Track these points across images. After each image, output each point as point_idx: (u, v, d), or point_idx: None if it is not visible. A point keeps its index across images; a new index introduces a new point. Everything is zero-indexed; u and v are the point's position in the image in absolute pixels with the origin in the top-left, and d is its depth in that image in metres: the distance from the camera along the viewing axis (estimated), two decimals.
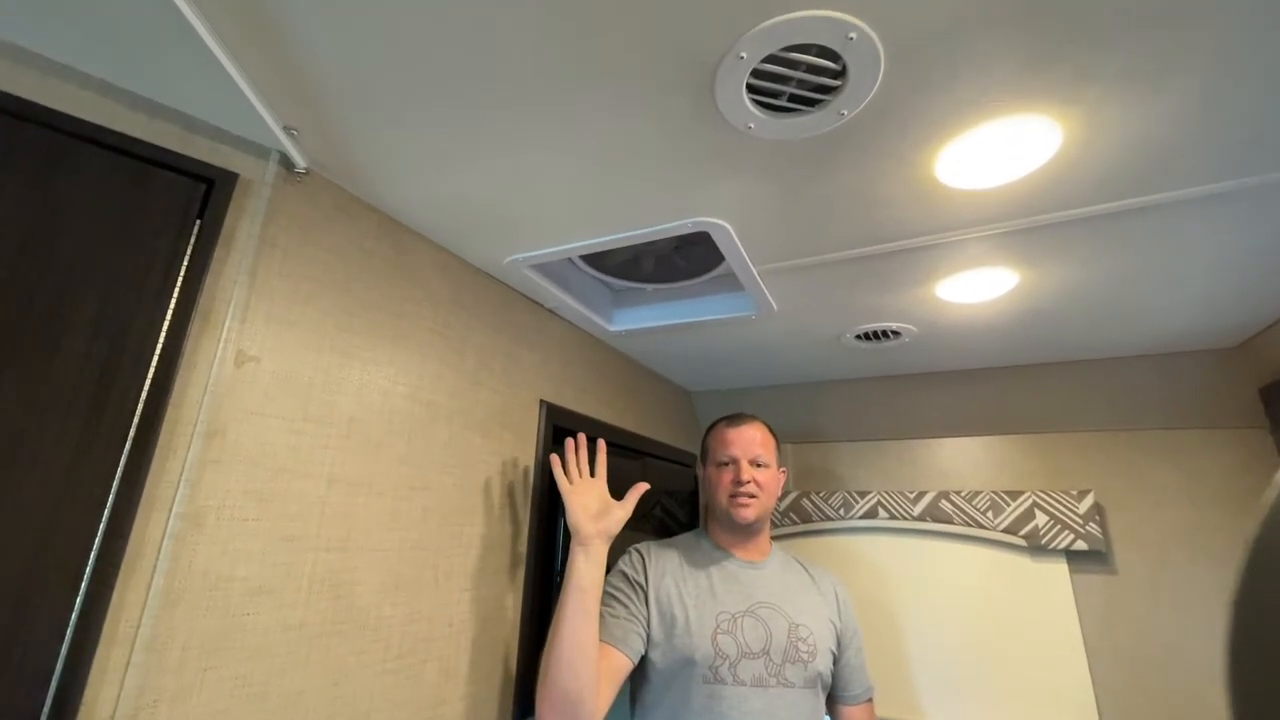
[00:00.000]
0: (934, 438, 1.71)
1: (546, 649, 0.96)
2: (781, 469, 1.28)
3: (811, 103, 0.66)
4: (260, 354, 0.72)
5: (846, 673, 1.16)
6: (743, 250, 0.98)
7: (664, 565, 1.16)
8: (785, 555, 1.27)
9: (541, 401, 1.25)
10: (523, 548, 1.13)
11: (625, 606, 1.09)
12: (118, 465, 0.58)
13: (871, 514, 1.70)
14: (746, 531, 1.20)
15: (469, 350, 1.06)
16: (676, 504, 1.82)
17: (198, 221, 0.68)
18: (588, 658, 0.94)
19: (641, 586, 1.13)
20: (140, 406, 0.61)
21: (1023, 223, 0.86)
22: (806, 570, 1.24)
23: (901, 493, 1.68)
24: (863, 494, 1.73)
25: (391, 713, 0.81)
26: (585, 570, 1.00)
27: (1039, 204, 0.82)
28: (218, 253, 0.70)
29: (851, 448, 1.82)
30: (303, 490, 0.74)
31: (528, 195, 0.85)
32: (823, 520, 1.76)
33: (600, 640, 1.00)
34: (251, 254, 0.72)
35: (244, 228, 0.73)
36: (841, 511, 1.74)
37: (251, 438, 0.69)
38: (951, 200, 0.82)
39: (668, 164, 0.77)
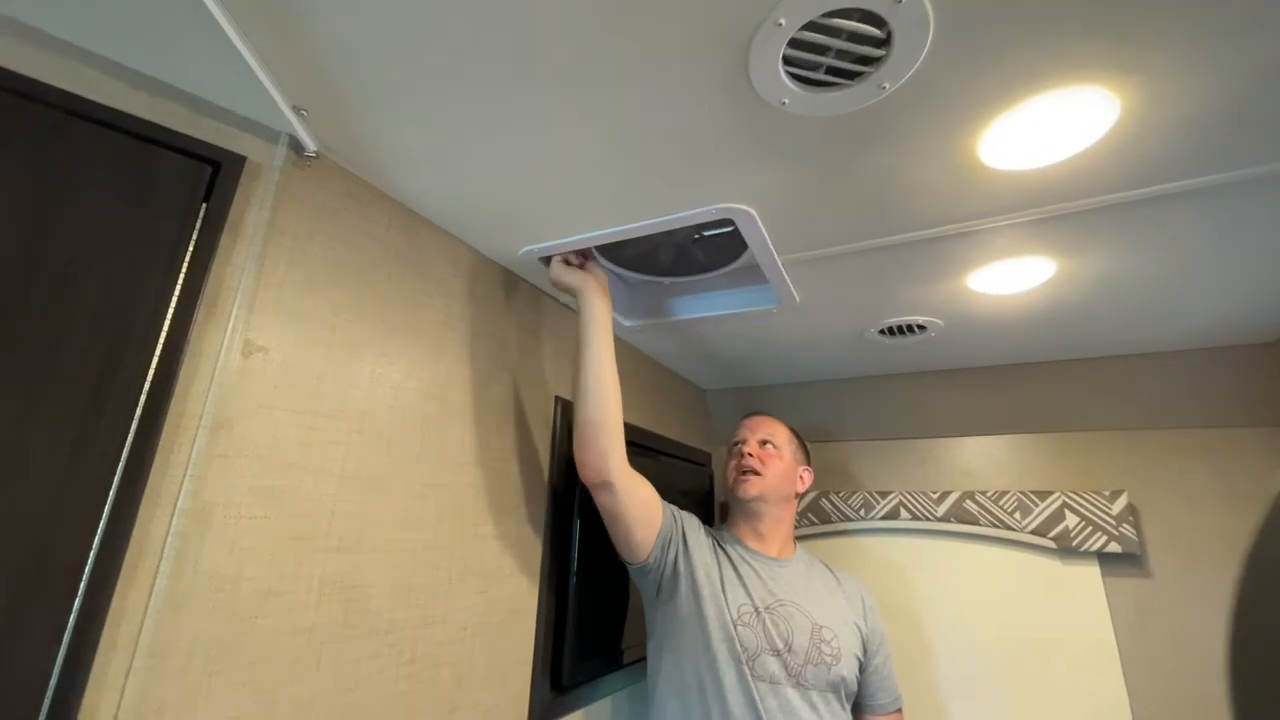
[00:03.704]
0: (957, 436, 1.66)
1: (573, 389, 1.02)
2: (805, 467, 1.24)
3: (851, 75, 0.62)
4: (269, 345, 0.68)
5: (874, 681, 1.12)
6: (768, 239, 0.94)
7: (700, 539, 1.14)
8: (810, 557, 1.23)
9: (556, 398, 1.21)
10: (539, 549, 1.09)
11: (674, 510, 1.14)
12: (119, 460, 0.55)
13: (893, 515, 1.66)
14: (756, 515, 1.17)
15: (482, 345, 1.02)
16: (692, 504, 1.78)
17: (204, 205, 0.65)
18: (611, 387, 0.99)
19: (683, 529, 1.13)
20: (143, 398, 0.57)
21: (1067, 207, 0.82)
22: (832, 573, 1.20)
23: (924, 493, 1.63)
24: (883, 494, 1.68)
25: None
26: (602, 310, 1.01)
27: (1086, 187, 0.78)
28: (224, 239, 0.67)
29: (871, 447, 1.77)
30: (313, 488, 0.71)
31: (546, 181, 0.82)
32: (842, 521, 1.72)
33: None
34: (260, 241, 0.69)
35: (252, 213, 0.70)
36: (862, 512, 1.70)
37: (260, 432, 0.66)
38: (993, 183, 0.77)
39: (694, 146, 0.73)
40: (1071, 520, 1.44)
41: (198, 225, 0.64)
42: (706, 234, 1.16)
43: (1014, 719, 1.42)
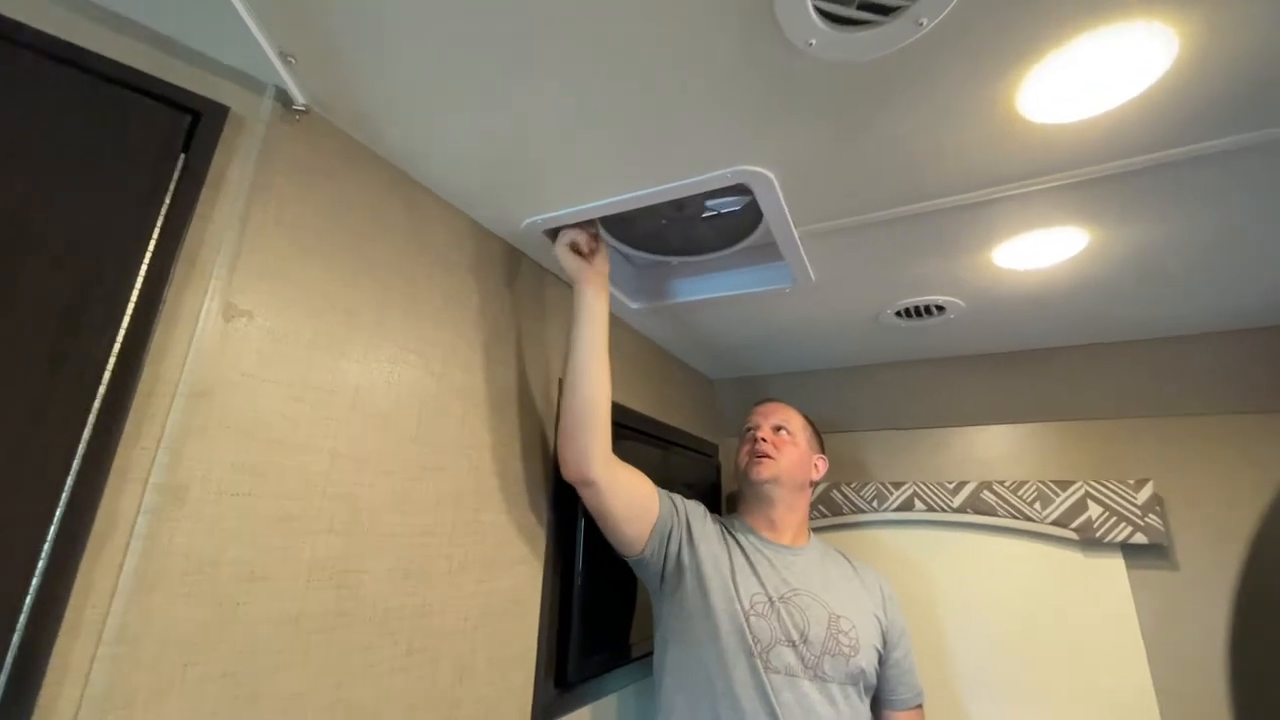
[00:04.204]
0: (973, 425, 1.61)
1: (564, 384, 0.98)
2: (820, 455, 1.20)
3: (885, 10, 0.56)
4: (253, 309, 0.63)
5: (895, 675, 1.07)
6: (785, 207, 0.89)
7: (706, 528, 1.09)
8: (825, 546, 1.18)
9: (560, 382, 1.16)
10: (542, 537, 1.04)
11: (674, 500, 1.09)
12: (84, 427, 0.50)
13: (907, 506, 1.60)
14: (769, 501, 1.12)
15: (485, 323, 0.97)
16: (698, 495, 1.71)
17: (181, 157, 0.60)
18: (599, 383, 0.95)
19: (686, 520, 1.08)
20: (112, 360, 0.52)
21: (1107, 168, 0.76)
22: (849, 562, 1.15)
23: (939, 483, 1.58)
24: (897, 485, 1.63)
25: (401, 717, 0.73)
26: (593, 303, 0.97)
27: (1129, 144, 0.73)
28: (205, 194, 0.61)
29: (883, 436, 1.71)
30: (302, 465, 0.66)
31: (550, 141, 0.77)
32: (854, 513, 1.66)
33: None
34: (243, 198, 0.64)
35: (235, 168, 0.64)
36: (874, 504, 1.64)
37: (243, 403, 0.61)
38: (1031, 139, 0.72)
39: (711, 98, 0.68)
40: (1094, 511, 1.39)
41: (175, 177, 0.59)
42: (718, 209, 1.11)
43: (1034, 717, 1.37)
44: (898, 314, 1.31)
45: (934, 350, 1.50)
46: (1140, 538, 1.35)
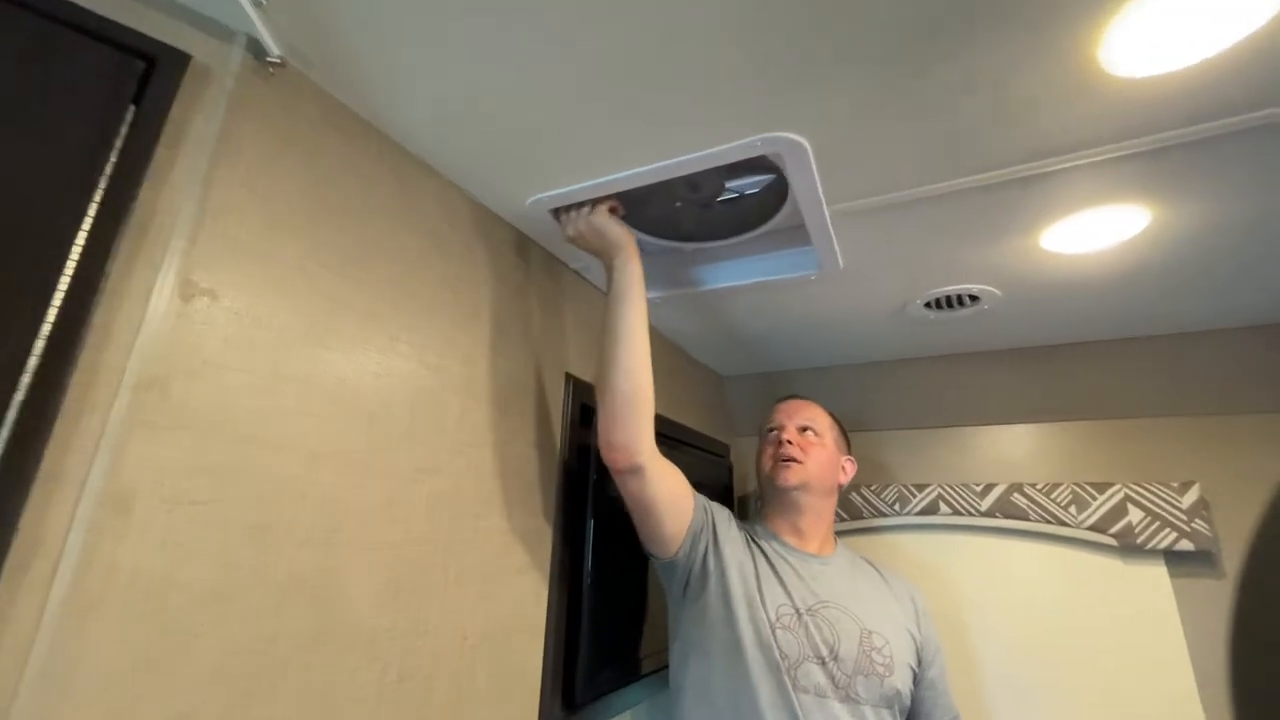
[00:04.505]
0: (1001, 424, 1.52)
1: (600, 361, 0.89)
2: (848, 457, 1.11)
3: None
4: (217, 288, 0.55)
5: (930, 696, 0.98)
6: (818, 181, 0.80)
7: (732, 532, 1.01)
8: (853, 554, 1.09)
9: (568, 376, 1.08)
10: (548, 543, 0.96)
11: (703, 499, 1.02)
12: (1, 423, 0.41)
13: (931, 509, 1.52)
14: (796, 507, 1.04)
15: (485, 311, 0.89)
16: (709, 498, 1.64)
17: (132, 108, 0.52)
18: (644, 358, 0.88)
19: (713, 521, 1.01)
20: (40, 344, 0.44)
21: (1193, 131, 0.68)
22: (878, 572, 1.07)
23: (966, 485, 1.49)
24: (920, 487, 1.54)
25: None
26: (637, 270, 0.90)
27: (1220, 102, 0.64)
28: (161, 152, 0.53)
29: (905, 436, 1.63)
30: (276, 467, 0.57)
31: (555, 101, 0.68)
32: (875, 516, 1.58)
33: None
34: (206, 159, 0.55)
35: (198, 125, 0.56)
36: (896, 507, 1.56)
37: (205, 396, 0.53)
38: (1109, 96, 0.63)
39: (739, 48, 0.59)
40: (1135, 515, 1.30)
41: (123, 131, 0.51)
42: (739, 189, 1.03)
43: None
44: (927, 305, 1.22)
45: (962, 344, 1.42)
46: (1186, 544, 1.26)
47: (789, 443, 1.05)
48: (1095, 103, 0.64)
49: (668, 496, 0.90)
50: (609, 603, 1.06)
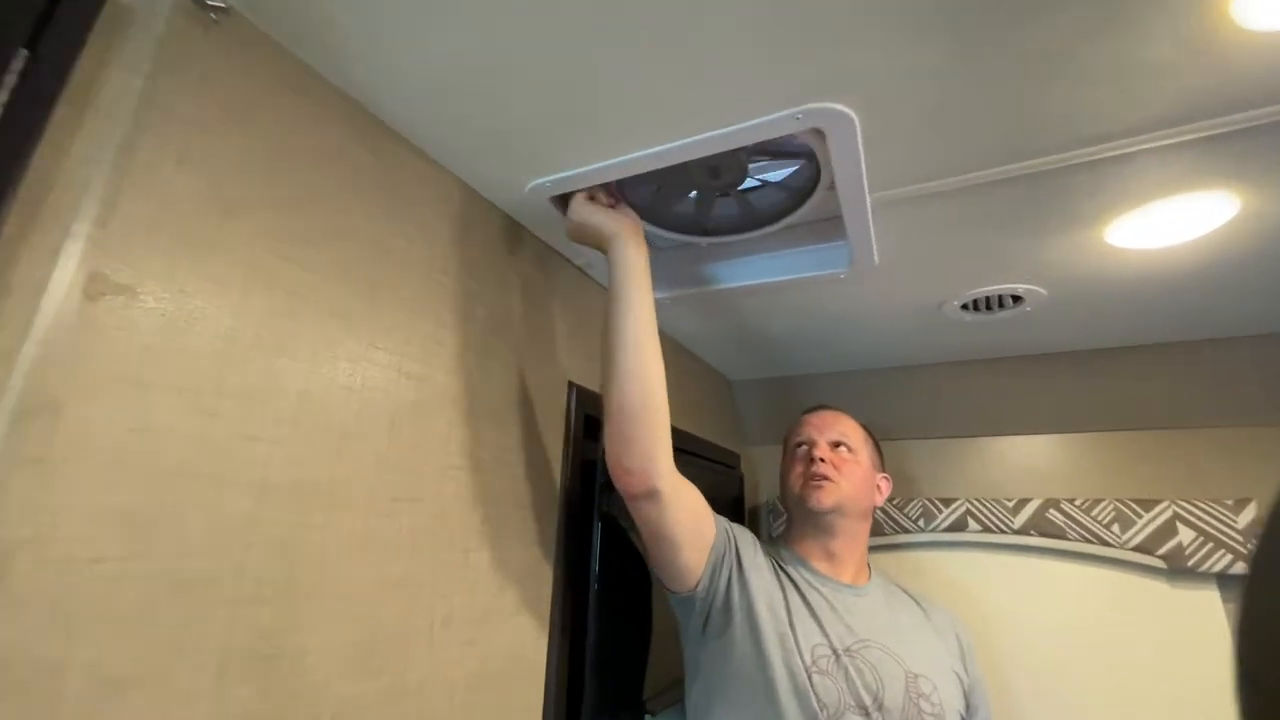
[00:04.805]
0: (1036, 434, 1.42)
1: (604, 369, 0.76)
2: (883, 474, 1.00)
3: None
4: (137, 283, 0.44)
5: None
6: (863, 163, 0.69)
7: (758, 559, 0.90)
8: (887, 582, 0.99)
9: (571, 384, 0.97)
10: (548, 577, 0.84)
11: (725, 523, 0.90)
12: None
13: (959, 526, 1.41)
14: (829, 531, 0.93)
15: (479, 311, 0.78)
16: (719, 512, 1.53)
17: (24, 52, 0.40)
18: (655, 367, 0.74)
19: (736, 548, 0.89)
20: None
21: None
22: (917, 603, 0.96)
23: (997, 500, 1.39)
24: (947, 502, 1.44)
25: None
26: (639, 262, 0.76)
27: None
28: (63, 111, 0.42)
29: (930, 446, 1.52)
30: (215, 506, 0.46)
31: (565, 74, 0.57)
32: (897, 533, 1.47)
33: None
34: (126, 121, 0.44)
35: (116, 79, 0.45)
36: (920, 523, 1.45)
37: (116, 421, 0.41)
38: (1239, 56, 0.52)
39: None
40: (1186, 535, 1.20)
41: (8, 81, 0.39)
42: (764, 177, 0.92)
43: None
44: (963, 306, 1.12)
45: (997, 348, 1.31)
46: (1241, 567, 1.16)
47: (821, 460, 0.94)
48: (1220, 64, 0.53)
49: (687, 522, 0.79)
50: (616, 640, 0.95)
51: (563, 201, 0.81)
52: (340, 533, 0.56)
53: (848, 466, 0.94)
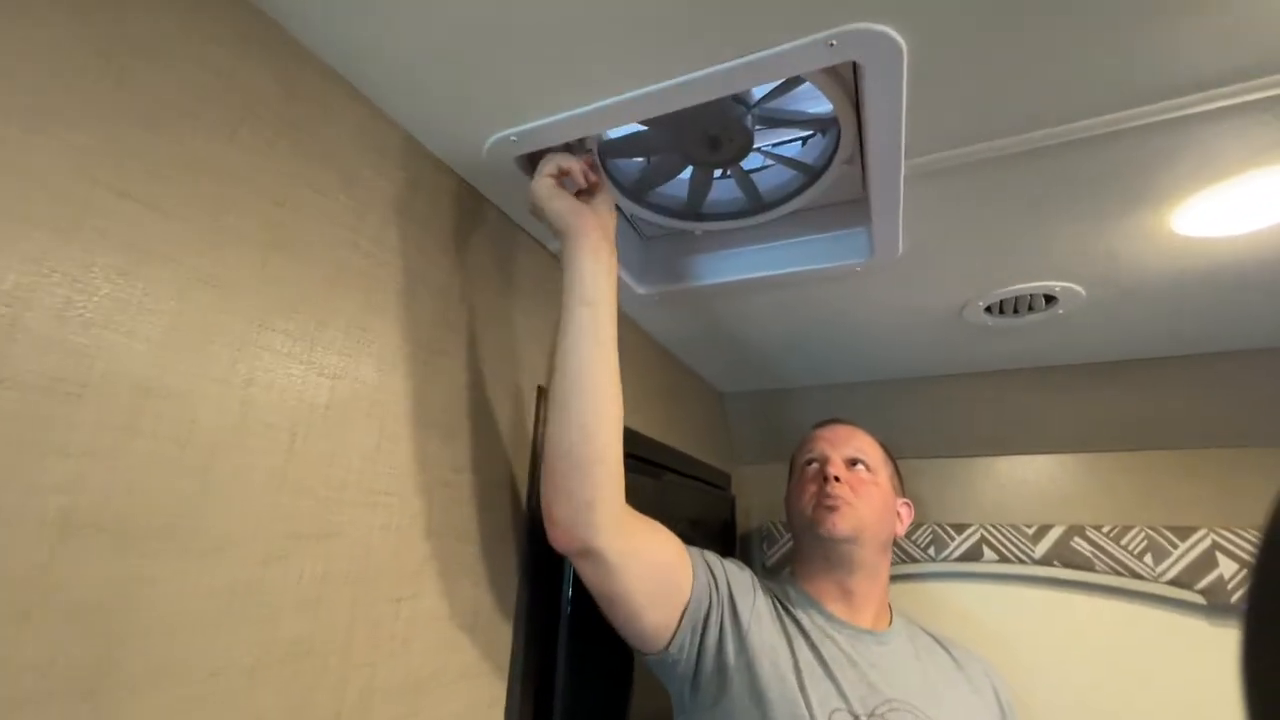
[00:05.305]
0: (1058, 453, 1.30)
1: (549, 397, 0.62)
2: (903, 500, 0.87)
3: None
4: None
5: None
6: (904, 114, 0.56)
7: (757, 606, 0.74)
8: (910, 624, 0.84)
9: (540, 390, 0.81)
10: (507, 626, 0.68)
11: (710, 565, 0.75)
12: None
13: (973, 555, 1.28)
14: (845, 565, 0.79)
15: (420, 292, 0.62)
16: (706, 538, 1.38)
17: None
18: (603, 404, 0.60)
19: (728, 597, 0.73)
20: None
21: None
22: (947, 651, 0.81)
23: (1015, 527, 1.26)
24: (959, 528, 1.31)
25: None
26: (593, 274, 0.61)
27: None
28: None
29: (941, 466, 1.39)
30: None
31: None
32: (905, 562, 1.33)
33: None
34: None
35: None
36: (930, 551, 1.32)
37: None
38: None
39: None
40: (1228, 567, 1.08)
41: None
42: (772, 150, 0.79)
43: None
44: (988, 309, 0.99)
45: (1018, 358, 1.19)
46: None
47: (836, 479, 0.80)
48: None
49: (642, 584, 0.64)
50: (591, 699, 0.78)
51: (531, 163, 0.67)
52: (200, 587, 0.39)
53: (866, 488, 0.80)
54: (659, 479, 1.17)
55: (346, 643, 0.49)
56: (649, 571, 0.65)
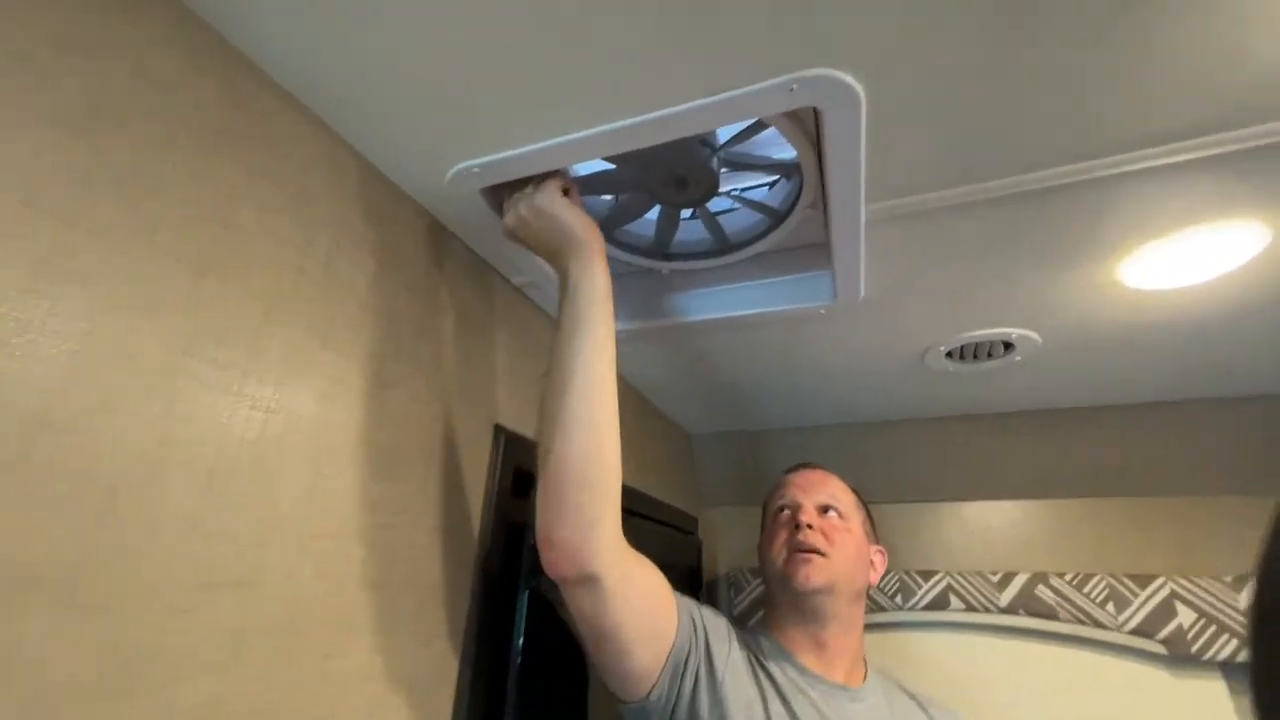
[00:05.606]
0: (1017, 499, 1.30)
1: (543, 414, 0.59)
2: (877, 547, 0.85)
3: None
4: None
5: None
6: (863, 159, 0.57)
7: (732, 657, 0.71)
8: (885, 679, 0.81)
9: (499, 429, 0.78)
10: (449, 685, 0.63)
11: (690, 610, 0.72)
12: None
13: (939, 603, 1.26)
14: (818, 617, 0.76)
15: (372, 325, 0.59)
16: (674, 583, 1.33)
17: None
18: (613, 421, 0.58)
19: (705, 644, 0.70)
20: None
21: None
22: (923, 708, 0.78)
23: (980, 574, 1.25)
24: (926, 575, 1.29)
25: None
26: (605, 286, 0.60)
27: None
28: None
29: (907, 511, 1.39)
30: None
31: (500, 22, 0.43)
32: (873, 611, 1.31)
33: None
34: None
35: None
36: (897, 599, 1.29)
37: None
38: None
39: None
40: (1187, 616, 1.09)
41: None
42: (740, 192, 0.80)
43: None
44: (949, 354, 1.01)
45: (982, 403, 1.21)
46: (1246, 655, 1.04)
47: (809, 527, 0.77)
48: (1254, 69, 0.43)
49: (640, 617, 0.60)
50: None
51: (495, 196, 0.66)
52: (88, 647, 0.35)
53: (839, 535, 0.78)
54: (626, 522, 1.13)
55: (261, 709, 0.44)
56: (643, 604, 0.61)
